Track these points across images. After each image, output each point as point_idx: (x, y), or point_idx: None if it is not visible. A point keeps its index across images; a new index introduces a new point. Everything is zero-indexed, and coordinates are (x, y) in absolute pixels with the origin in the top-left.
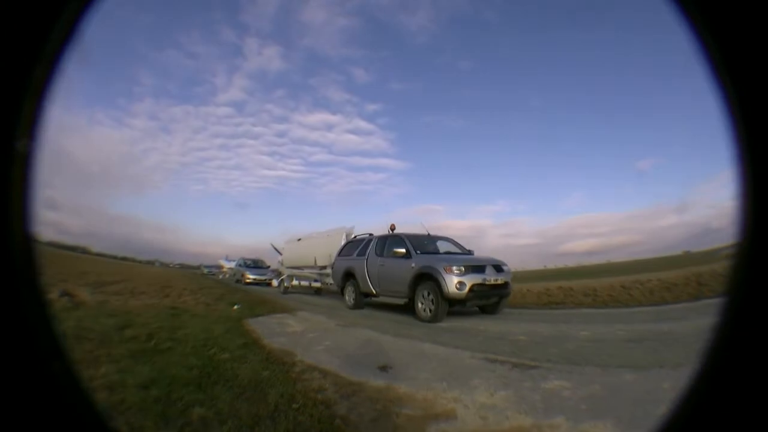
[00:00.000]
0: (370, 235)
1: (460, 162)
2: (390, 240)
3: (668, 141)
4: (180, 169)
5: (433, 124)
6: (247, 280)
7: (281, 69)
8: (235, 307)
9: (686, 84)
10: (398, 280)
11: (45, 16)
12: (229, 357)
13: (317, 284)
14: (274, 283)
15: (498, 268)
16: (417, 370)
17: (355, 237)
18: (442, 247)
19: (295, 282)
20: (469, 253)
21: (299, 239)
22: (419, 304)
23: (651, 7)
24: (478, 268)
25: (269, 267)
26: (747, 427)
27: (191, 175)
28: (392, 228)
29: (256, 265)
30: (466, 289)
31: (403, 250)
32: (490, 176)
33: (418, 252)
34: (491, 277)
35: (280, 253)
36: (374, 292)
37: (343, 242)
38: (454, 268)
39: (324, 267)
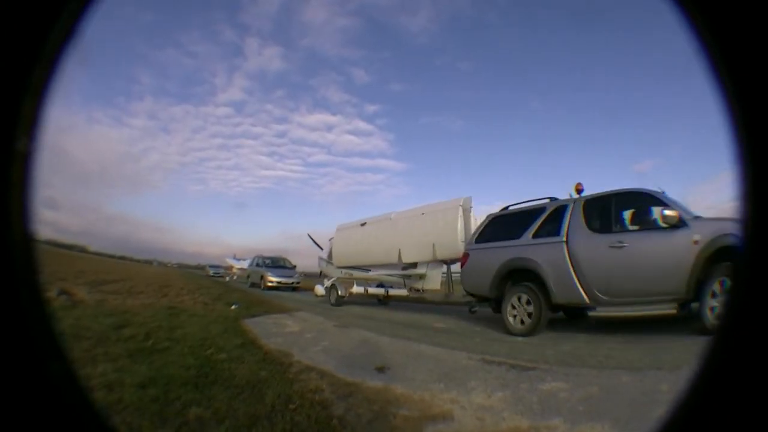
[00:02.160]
0: (551, 199)
1: (458, 163)
2: (620, 199)
3: (668, 142)
4: (179, 169)
5: (432, 125)
6: (269, 284)
7: (281, 69)
8: (233, 307)
9: (686, 85)
10: (662, 273)
11: (45, 16)
12: (226, 357)
13: (401, 292)
14: (319, 290)
15: None
16: (414, 371)
17: (507, 208)
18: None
19: (356, 289)
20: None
21: (363, 223)
22: (708, 309)
23: (651, 9)
24: None
25: (295, 267)
26: (746, 429)
27: (190, 175)
28: (579, 189)
29: (277, 264)
30: None
31: (674, 214)
32: (488, 177)
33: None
34: None
35: (321, 248)
36: (587, 300)
37: (460, 221)
38: None
39: (411, 265)
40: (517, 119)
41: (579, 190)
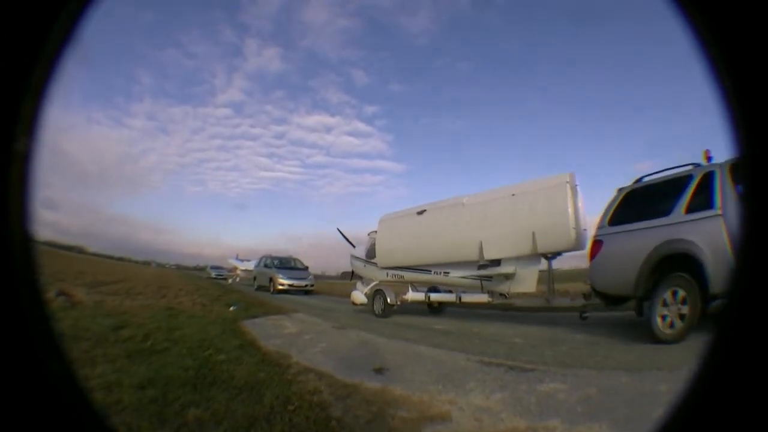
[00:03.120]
0: (694, 166)
1: (458, 164)
2: None
3: (668, 142)
4: (178, 170)
5: (432, 125)
6: (280, 287)
7: (280, 70)
8: (232, 308)
9: (687, 85)
10: None
11: (45, 16)
12: (225, 358)
13: (478, 298)
14: (357, 296)
15: None
16: (412, 372)
17: (640, 179)
18: None
19: (413, 295)
20: None
21: (421, 211)
22: None
23: (651, 9)
24: None
25: (307, 268)
26: (745, 429)
27: (189, 176)
28: (708, 157)
29: (287, 265)
30: None
31: None
32: (488, 178)
33: None
34: None
35: (353, 245)
36: None
37: (569, 199)
38: None
39: (493, 262)
40: (517, 119)
41: (708, 158)
